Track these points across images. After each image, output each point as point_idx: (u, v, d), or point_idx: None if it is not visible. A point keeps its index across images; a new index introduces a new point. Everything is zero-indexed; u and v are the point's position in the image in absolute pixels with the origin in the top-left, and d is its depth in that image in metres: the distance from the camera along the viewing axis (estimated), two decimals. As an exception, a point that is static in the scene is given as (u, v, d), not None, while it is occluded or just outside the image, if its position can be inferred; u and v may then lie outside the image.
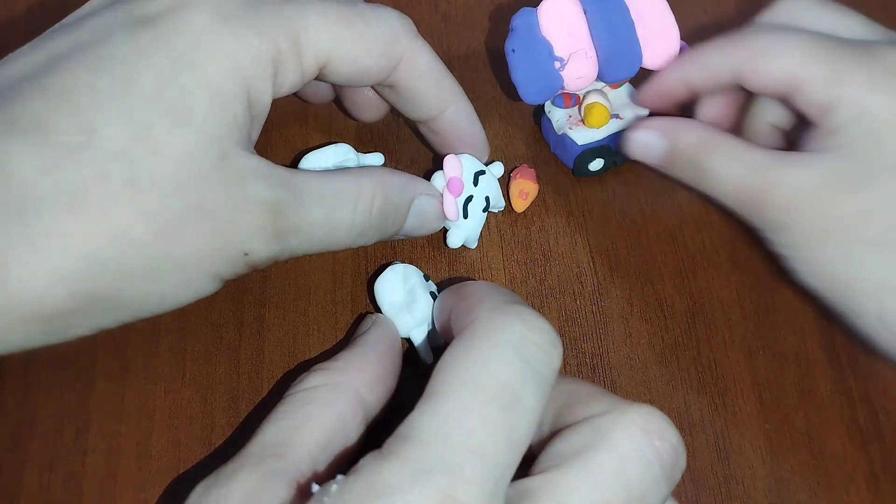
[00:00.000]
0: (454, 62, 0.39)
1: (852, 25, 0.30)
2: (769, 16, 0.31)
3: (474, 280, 0.33)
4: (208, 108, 0.25)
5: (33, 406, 0.30)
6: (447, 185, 0.32)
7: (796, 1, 0.31)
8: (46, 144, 0.24)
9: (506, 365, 0.21)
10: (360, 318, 0.30)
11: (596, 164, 0.35)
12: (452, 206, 0.32)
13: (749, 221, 0.30)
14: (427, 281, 0.31)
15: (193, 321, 0.32)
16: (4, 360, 0.31)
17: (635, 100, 0.35)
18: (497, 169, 0.34)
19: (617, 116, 0.35)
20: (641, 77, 0.34)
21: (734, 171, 0.29)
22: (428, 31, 0.40)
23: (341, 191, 0.28)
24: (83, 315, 0.25)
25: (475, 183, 0.32)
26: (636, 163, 0.34)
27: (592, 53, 0.32)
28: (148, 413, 0.30)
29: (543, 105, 0.35)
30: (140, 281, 0.25)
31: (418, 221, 0.31)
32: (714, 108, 0.33)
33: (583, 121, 0.34)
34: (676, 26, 0.33)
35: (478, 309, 0.23)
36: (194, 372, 0.31)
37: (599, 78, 0.33)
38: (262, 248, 0.27)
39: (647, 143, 0.32)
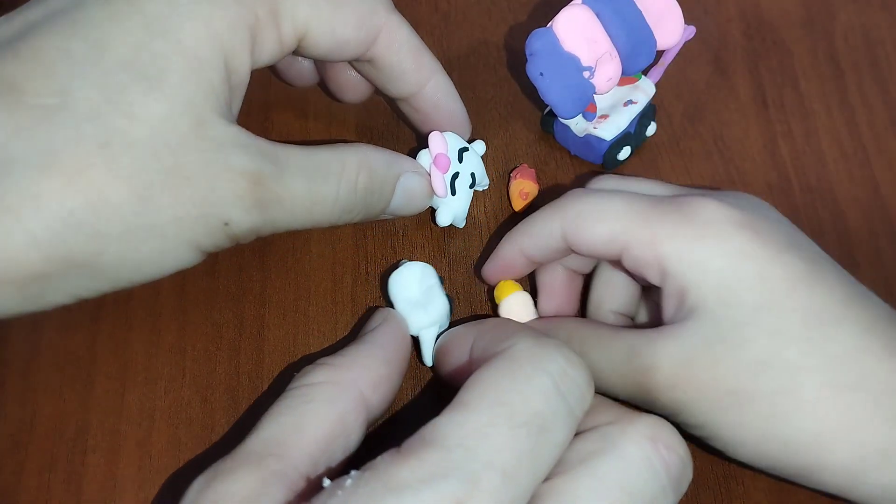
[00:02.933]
0: (454, 62, 0.39)
1: (653, 186, 0.30)
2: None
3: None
4: (183, 73, 0.25)
5: (33, 406, 0.30)
6: (434, 161, 0.32)
7: (602, 180, 0.31)
8: (20, 106, 0.24)
9: (543, 394, 0.21)
10: (372, 312, 0.30)
11: (624, 153, 0.36)
12: (441, 182, 0.32)
13: (653, 411, 0.26)
14: (442, 284, 0.31)
15: (193, 321, 0.32)
16: (4, 360, 0.31)
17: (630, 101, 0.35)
18: (479, 147, 0.34)
19: (632, 102, 0.35)
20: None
21: (609, 356, 0.27)
22: (428, 31, 0.40)
23: (325, 164, 0.28)
24: (59, 280, 0.25)
25: (460, 160, 0.32)
26: (647, 149, 0.35)
27: (615, 52, 0.33)
28: (148, 413, 0.30)
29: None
30: (116, 245, 0.25)
31: (405, 199, 0.31)
32: (550, 280, 0.32)
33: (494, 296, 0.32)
34: (676, 2, 0.34)
35: (518, 335, 0.23)
36: (194, 372, 0.31)
37: (623, 72, 0.33)
38: (242, 217, 0.27)
39: None
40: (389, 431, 0.29)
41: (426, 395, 0.31)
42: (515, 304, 0.31)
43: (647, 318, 0.31)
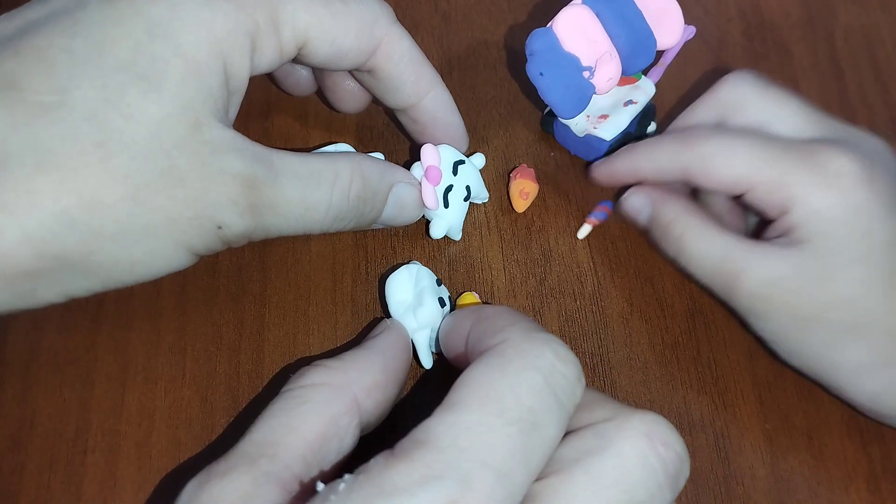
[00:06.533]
0: (454, 62, 0.39)
1: (791, 115, 0.31)
2: (713, 97, 0.32)
3: (491, 304, 0.33)
4: (182, 76, 0.25)
5: (33, 406, 0.30)
6: (424, 173, 0.32)
7: (739, 82, 0.32)
8: (18, 102, 0.24)
9: (533, 391, 0.21)
10: (376, 323, 0.30)
11: None
12: (431, 194, 0.32)
13: (727, 304, 0.31)
14: (439, 286, 0.31)
15: (193, 321, 0.32)
16: (4, 360, 0.31)
17: (637, 95, 0.35)
18: (479, 160, 0.34)
19: (632, 102, 0.35)
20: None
21: (706, 251, 0.31)
22: (428, 31, 0.40)
23: (318, 171, 0.28)
24: (51, 278, 0.25)
25: (455, 172, 0.32)
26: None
27: (615, 52, 0.33)
28: (148, 413, 0.30)
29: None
30: (109, 245, 0.25)
31: (397, 209, 0.31)
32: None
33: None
34: (676, 2, 0.34)
35: (508, 330, 0.23)
36: (194, 372, 0.31)
37: (622, 72, 0.33)
38: (235, 221, 0.27)
39: (636, 208, 0.34)
40: (388, 433, 0.29)
41: (426, 395, 0.31)
42: None
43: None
